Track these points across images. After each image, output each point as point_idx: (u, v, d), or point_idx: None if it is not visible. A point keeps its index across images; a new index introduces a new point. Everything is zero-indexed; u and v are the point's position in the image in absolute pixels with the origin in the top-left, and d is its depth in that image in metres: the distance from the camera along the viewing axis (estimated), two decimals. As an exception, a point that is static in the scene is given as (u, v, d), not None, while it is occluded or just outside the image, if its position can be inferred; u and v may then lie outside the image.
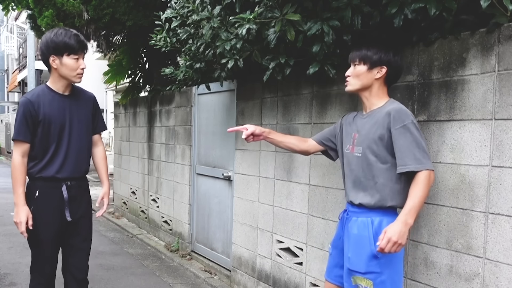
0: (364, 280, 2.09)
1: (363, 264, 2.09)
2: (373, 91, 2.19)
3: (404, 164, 2.00)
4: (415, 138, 2.00)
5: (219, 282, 4.26)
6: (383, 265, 2.06)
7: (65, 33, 2.48)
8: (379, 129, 2.10)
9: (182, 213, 5.19)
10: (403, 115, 2.03)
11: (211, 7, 3.12)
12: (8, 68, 28.02)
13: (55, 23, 5.29)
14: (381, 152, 2.10)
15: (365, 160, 2.15)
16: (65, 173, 2.58)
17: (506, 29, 2.03)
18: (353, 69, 2.21)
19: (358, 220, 2.17)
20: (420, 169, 1.97)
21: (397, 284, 2.11)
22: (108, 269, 4.55)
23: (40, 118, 2.50)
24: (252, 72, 3.52)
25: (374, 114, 2.17)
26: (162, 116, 5.70)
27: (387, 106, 2.13)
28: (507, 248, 2.04)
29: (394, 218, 2.03)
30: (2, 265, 4.53)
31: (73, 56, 2.50)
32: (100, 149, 2.86)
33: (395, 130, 2.03)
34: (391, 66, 2.16)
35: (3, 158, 21.08)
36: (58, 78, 2.57)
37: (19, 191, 2.50)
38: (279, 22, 2.46)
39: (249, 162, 3.85)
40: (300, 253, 3.30)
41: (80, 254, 2.72)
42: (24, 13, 12.32)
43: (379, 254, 2.04)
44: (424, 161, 1.98)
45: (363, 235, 2.12)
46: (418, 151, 1.98)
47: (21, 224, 2.48)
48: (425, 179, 1.96)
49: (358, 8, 2.32)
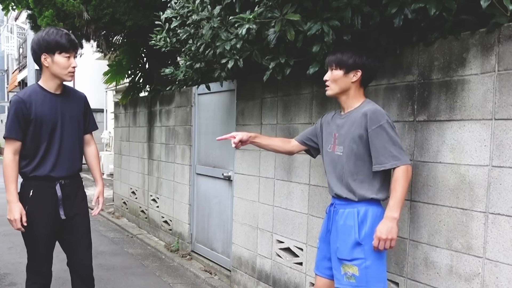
0: (350, 266, 2.22)
1: (348, 251, 2.22)
2: (351, 94, 2.30)
3: (381, 163, 2.15)
4: (390, 137, 2.13)
5: (219, 282, 4.26)
6: (367, 252, 2.19)
7: (57, 32, 2.52)
8: (357, 129, 2.22)
9: (182, 213, 5.19)
10: (379, 115, 2.16)
11: (211, 7, 3.12)
12: (8, 68, 28.03)
13: (55, 23, 5.28)
14: (361, 151, 2.23)
15: (346, 158, 2.28)
16: (59, 171, 2.60)
17: (506, 29, 2.03)
18: (331, 74, 2.32)
19: (345, 211, 2.28)
20: (397, 165, 2.12)
21: (380, 270, 2.23)
22: (108, 269, 4.55)
23: (32, 116, 2.52)
24: (252, 72, 3.52)
25: (352, 114, 2.29)
26: (162, 116, 5.70)
27: (364, 107, 2.24)
28: (507, 248, 2.04)
29: (379, 207, 2.24)
30: (2, 265, 4.54)
31: (65, 55, 2.54)
32: (93, 148, 2.87)
33: (372, 130, 2.16)
34: (365, 69, 2.26)
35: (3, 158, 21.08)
36: (49, 77, 2.59)
37: (11, 188, 2.51)
38: (279, 22, 2.46)
39: (249, 162, 3.85)
40: (300, 253, 3.30)
41: (80, 250, 2.74)
42: (24, 13, 12.31)
43: (363, 241, 2.18)
44: (401, 157, 2.12)
45: (349, 225, 2.24)
46: (394, 148, 2.13)
47: (16, 221, 2.51)
48: (403, 174, 2.11)
49: (358, 8, 2.32)
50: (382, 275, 2.24)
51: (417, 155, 2.43)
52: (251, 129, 3.80)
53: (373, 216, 2.21)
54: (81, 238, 2.74)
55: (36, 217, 2.56)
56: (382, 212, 2.22)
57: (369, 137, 2.17)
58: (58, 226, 2.64)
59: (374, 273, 2.20)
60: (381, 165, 2.15)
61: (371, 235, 2.18)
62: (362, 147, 2.21)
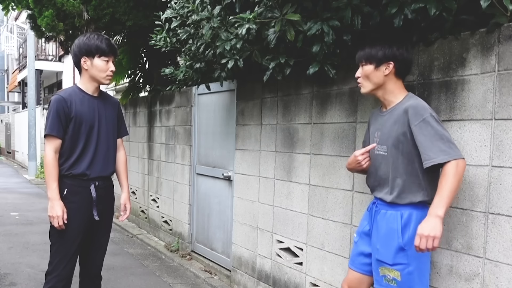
0: (392, 271, 2.13)
1: (391, 256, 2.12)
2: (387, 88, 2.19)
3: (429, 158, 1.98)
4: (436, 131, 1.98)
5: (219, 282, 4.26)
6: (410, 257, 2.08)
7: (97, 37, 2.63)
8: (400, 127, 2.10)
9: (182, 213, 5.19)
10: (421, 109, 2.03)
11: (211, 7, 3.12)
12: (8, 68, 28.01)
13: (55, 23, 5.29)
14: (406, 149, 2.09)
15: (391, 159, 2.15)
16: (94, 171, 2.64)
17: (506, 29, 2.03)
18: (361, 70, 2.23)
19: (388, 213, 2.17)
20: (447, 159, 1.94)
21: (424, 275, 2.12)
22: (108, 269, 4.55)
23: (72, 115, 2.57)
24: (252, 72, 3.52)
25: (393, 111, 2.17)
26: (162, 116, 5.70)
27: (405, 102, 2.12)
28: (507, 248, 2.04)
29: (425, 210, 2.04)
30: (2, 265, 4.53)
31: (104, 58, 2.62)
32: (122, 153, 2.91)
33: (415, 126, 2.02)
34: (397, 60, 2.15)
35: (3, 158, 21.08)
36: (88, 79, 2.67)
37: (53, 186, 2.54)
38: (279, 22, 2.46)
39: (249, 162, 3.85)
40: (300, 253, 3.30)
41: (96, 251, 2.79)
42: (24, 13, 12.31)
43: (406, 246, 2.07)
44: (451, 151, 1.95)
45: (392, 228, 2.13)
46: (442, 142, 1.97)
47: (58, 218, 2.51)
48: (453, 169, 1.94)
49: (358, 8, 2.32)
50: (425, 280, 2.13)
51: (417, 155, 2.42)
52: (251, 129, 3.80)
53: (417, 220, 2.06)
54: (101, 239, 2.80)
55: (70, 216, 2.56)
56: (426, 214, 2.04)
57: (413, 134, 2.03)
58: (90, 227, 2.67)
59: (417, 278, 2.09)
60: (429, 160, 1.97)
61: (414, 239, 2.02)
62: (408, 145, 2.08)
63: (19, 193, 9.53)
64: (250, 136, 3.82)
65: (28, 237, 5.66)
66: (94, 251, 2.78)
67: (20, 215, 7.00)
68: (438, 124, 2.00)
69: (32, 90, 13.19)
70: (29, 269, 4.45)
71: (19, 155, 18.07)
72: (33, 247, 5.25)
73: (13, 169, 15.73)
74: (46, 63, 17.44)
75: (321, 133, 3.08)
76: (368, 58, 2.18)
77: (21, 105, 21.05)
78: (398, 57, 2.15)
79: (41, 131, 12.02)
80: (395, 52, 2.15)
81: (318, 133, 3.11)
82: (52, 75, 19.00)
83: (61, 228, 2.54)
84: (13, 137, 19.76)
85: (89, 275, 2.80)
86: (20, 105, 21.80)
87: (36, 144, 13.20)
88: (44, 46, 17.87)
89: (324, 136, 3.06)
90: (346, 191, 2.87)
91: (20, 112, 18.41)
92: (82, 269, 2.81)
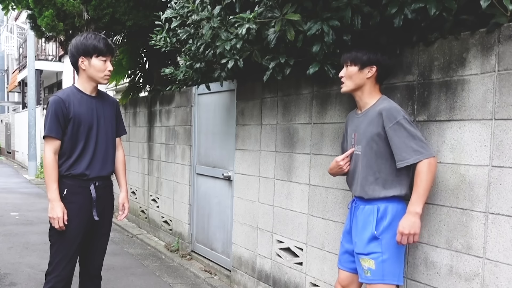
0: (367, 260, 2.24)
1: (365, 245, 2.25)
2: (366, 90, 2.33)
3: (403, 159, 2.14)
4: (409, 132, 2.13)
5: (219, 282, 4.26)
6: (384, 246, 2.21)
7: (95, 37, 2.61)
8: (374, 127, 2.24)
9: (182, 213, 5.19)
10: (394, 112, 2.17)
11: (211, 7, 3.12)
12: (8, 68, 28.01)
13: (55, 23, 5.29)
14: (380, 148, 2.24)
15: (366, 157, 2.30)
16: (93, 171, 2.64)
17: (506, 29, 2.03)
18: (346, 70, 2.36)
19: (365, 208, 2.30)
20: (419, 159, 2.10)
21: (398, 265, 2.24)
22: (108, 269, 4.55)
23: (71, 115, 2.57)
24: (252, 72, 3.51)
25: (368, 112, 2.31)
26: (162, 116, 5.70)
27: (379, 105, 2.27)
28: (507, 248, 2.04)
29: (400, 204, 2.24)
30: (2, 265, 4.53)
31: (101, 58, 2.61)
32: (120, 153, 2.91)
33: (389, 128, 2.17)
34: (380, 65, 2.30)
35: (3, 158, 21.08)
36: (86, 79, 2.66)
37: (53, 187, 2.54)
38: (279, 22, 2.46)
39: (249, 162, 3.85)
40: (300, 253, 3.30)
41: (96, 251, 2.79)
42: (24, 13, 12.32)
43: (380, 235, 2.20)
44: (423, 151, 2.11)
45: (368, 220, 2.26)
46: (415, 142, 2.12)
47: (58, 219, 2.52)
48: (425, 168, 2.10)
49: (358, 8, 2.32)
50: (398, 271, 2.24)
51: (417, 155, 2.42)
52: (251, 129, 3.80)
53: (393, 212, 2.22)
54: (101, 240, 2.80)
55: (70, 217, 2.56)
56: (403, 208, 2.23)
57: (387, 136, 2.18)
58: (89, 227, 2.67)
59: (391, 267, 2.21)
60: (403, 161, 2.14)
61: (389, 230, 2.19)
62: (382, 145, 2.22)
63: (19, 193, 9.53)
64: (250, 136, 3.82)
65: (28, 237, 5.66)
66: (94, 251, 2.78)
67: (20, 215, 7.00)
68: (411, 125, 2.15)
69: (32, 90, 13.20)
70: (29, 269, 4.45)
71: (19, 155, 18.07)
72: (33, 247, 5.25)
73: (13, 169, 15.74)
74: (46, 63, 17.43)
75: (321, 133, 3.08)
76: (353, 60, 2.32)
77: (21, 105, 21.05)
78: (381, 62, 2.31)
79: (41, 131, 12.00)
80: (379, 58, 2.31)
81: (318, 133, 3.11)
82: (52, 75, 18.99)
83: (62, 229, 2.54)
84: (13, 137, 19.76)
85: (89, 275, 2.80)
86: (20, 105, 21.80)
87: (36, 144, 13.20)
88: (44, 46, 17.86)
89: (324, 136, 3.06)
90: (346, 191, 2.87)
91: (20, 112, 18.42)
92: (82, 269, 2.81)
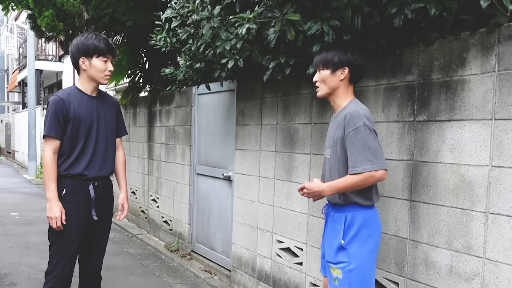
0: (335, 269, 2.23)
1: (333, 254, 2.24)
2: (339, 93, 2.28)
3: (354, 166, 2.10)
4: (366, 140, 2.08)
5: (219, 282, 4.26)
6: (351, 256, 2.18)
7: (95, 37, 2.61)
8: (339, 131, 2.20)
9: (182, 213, 5.19)
10: (356, 117, 2.11)
11: (211, 7, 3.12)
12: (8, 68, 28.01)
13: (55, 23, 5.29)
14: (342, 154, 2.20)
15: (331, 161, 2.28)
16: (92, 171, 2.64)
17: (506, 29, 2.03)
18: (319, 75, 2.31)
19: (335, 215, 2.29)
20: (366, 170, 2.07)
21: (365, 275, 2.20)
22: (108, 269, 4.55)
23: (71, 115, 2.57)
24: (252, 72, 3.52)
25: (338, 116, 2.27)
26: (162, 116, 5.70)
27: (347, 108, 2.22)
28: (507, 248, 2.04)
29: (367, 212, 2.20)
30: (2, 265, 4.53)
31: (102, 58, 2.61)
32: (121, 153, 2.91)
33: (347, 133, 2.13)
34: (352, 66, 2.24)
35: (3, 158, 21.08)
36: (86, 80, 2.66)
37: (52, 187, 2.54)
38: (279, 22, 2.46)
39: (249, 162, 3.85)
40: (300, 253, 3.30)
41: (96, 251, 2.79)
42: (24, 13, 12.32)
43: (347, 245, 2.18)
44: (375, 161, 2.07)
45: (336, 228, 2.26)
46: (369, 151, 2.07)
47: (56, 219, 2.52)
48: (362, 178, 2.08)
49: (358, 8, 2.32)
50: (367, 280, 2.20)
51: (417, 155, 2.43)
52: (251, 129, 3.80)
53: (360, 221, 2.18)
54: (101, 240, 2.80)
55: (69, 217, 2.56)
56: (370, 216, 2.21)
57: (346, 140, 2.14)
58: (88, 227, 2.67)
59: (358, 277, 2.17)
60: (354, 168, 2.09)
61: (356, 239, 2.17)
62: (343, 150, 2.17)
63: (19, 193, 9.54)
64: (250, 136, 3.82)
65: (28, 237, 5.66)
66: (93, 251, 2.78)
67: (20, 215, 7.01)
68: (370, 133, 2.10)
69: (32, 90, 13.20)
70: (29, 269, 4.45)
71: (19, 155, 18.07)
72: (33, 247, 5.26)
73: (13, 169, 15.74)
74: (46, 63, 17.43)
75: (321, 133, 3.08)
76: (325, 63, 2.26)
77: (21, 105, 21.06)
78: (352, 63, 2.24)
79: (41, 131, 12.01)
80: (350, 58, 2.24)
81: (318, 133, 3.11)
82: (52, 75, 19.00)
83: (59, 229, 2.54)
84: (13, 137, 19.76)
85: (89, 275, 2.80)
86: (20, 105, 21.80)
87: (36, 144, 13.21)
88: (44, 46, 17.86)
89: (324, 136, 3.06)
90: (346, 191, 2.87)
91: (20, 112, 18.42)
92: (82, 269, 2.81)
